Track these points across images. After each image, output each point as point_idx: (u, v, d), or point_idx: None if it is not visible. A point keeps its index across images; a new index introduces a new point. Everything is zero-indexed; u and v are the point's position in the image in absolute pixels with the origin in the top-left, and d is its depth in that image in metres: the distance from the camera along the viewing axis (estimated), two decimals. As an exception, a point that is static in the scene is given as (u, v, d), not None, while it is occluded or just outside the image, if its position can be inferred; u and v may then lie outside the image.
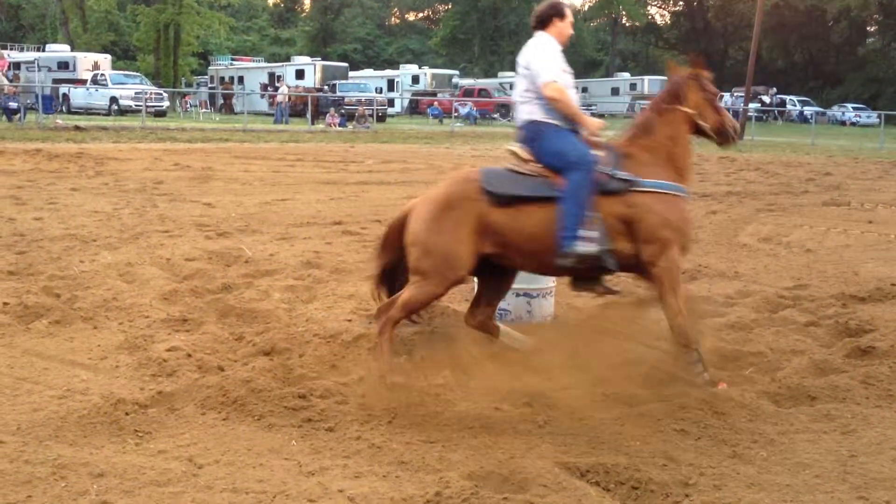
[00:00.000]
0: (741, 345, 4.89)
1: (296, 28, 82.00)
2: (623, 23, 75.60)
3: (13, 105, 28.94)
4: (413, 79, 56.44)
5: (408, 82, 56.05)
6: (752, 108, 36.02)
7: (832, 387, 4.27)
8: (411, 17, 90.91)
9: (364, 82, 48.26)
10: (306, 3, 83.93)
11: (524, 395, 4.09)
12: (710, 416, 3.87)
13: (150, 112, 34.15)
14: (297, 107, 38.54)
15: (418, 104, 50.52)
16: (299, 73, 47.76)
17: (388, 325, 4.47)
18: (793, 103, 55.93)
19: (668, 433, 3.75)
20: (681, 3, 76.79)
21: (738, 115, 30.01)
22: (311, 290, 6.34)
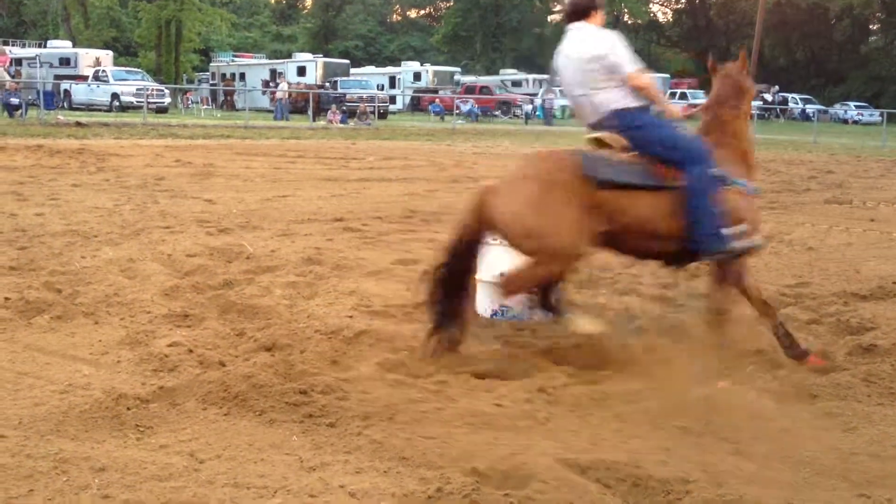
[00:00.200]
0: (743, 342, 4.89)
1: (297, 25, 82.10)
2: (625, 20, 75.51)
3: (15, 101, 28.96)
4: (415, 76, 56.44)
5: (409, 79, 56.05)
6: (754, 106, 35.95)
7: (834, 384, 4.27)
8: (413, 13, 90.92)
9: (366, 79, 48.26)
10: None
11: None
12: (711, 413, 3.86)
13: (152, 108, 34.16)
14: (298, 103, 38.54)
15: (420, 101, 50.52)
16: (301, 70, 47.74)
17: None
18: (795, 101, 55.86)
19: (668, 430, 3.75)
20: (683, 0, 76.80)
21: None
22: (313, 286, 6.34)
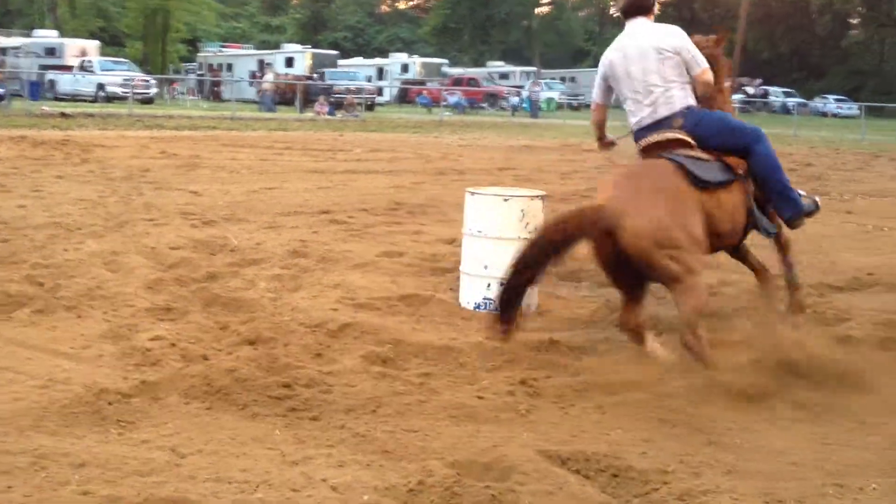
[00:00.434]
0: (720, 333, 4.92)
1: (286, 15, 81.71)
2: (611, 13, 75.54)
3: (-2, 90, 28.76)
4: (402, 67, 56.32)
5: (397, 71, 55.93)
6: (736, 99, 36.08)
7: (808, 375, 4.31)
8: (402, 5, 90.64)
9: (353, 71, 48.13)
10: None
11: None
12: (690, 405, 3.91)
13: (138, 99, 33.94)
14: (286, 95, 38.40)
15: (407, 93, 50.43)
16: (289, 61, 47.57)
17: (699, 342, 4.28)
18: (776, 94, 56.08)
19: (648, 421, 3.79)
20: (668, -7, 76.78)
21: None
22: (297, 279, 6.34)
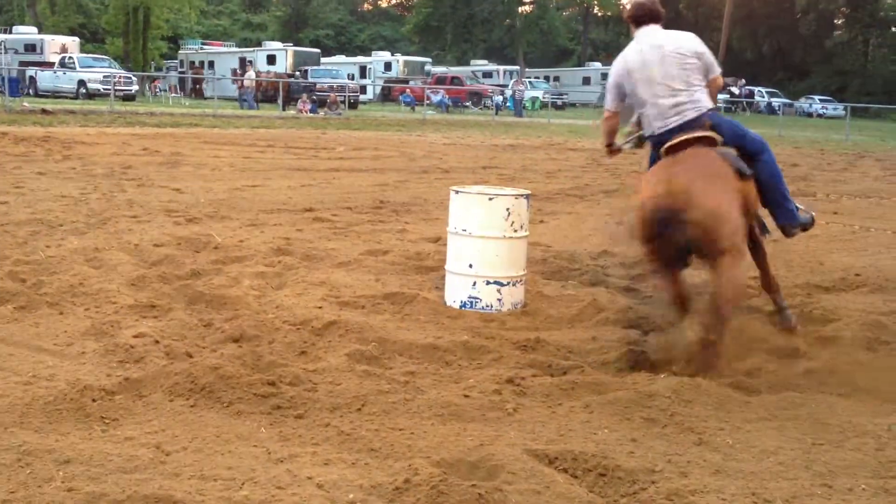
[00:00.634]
0: (707, 333, 4.92)
1: (267, 13, 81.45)
2: (595, 12, 75.74)
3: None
4: (385, 66, 56.25)
5: (380, 69, 55.86)
6: (720, 99, 36.30)
7: (797, 375, 4.33)
8: (384, 3, 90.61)
9: (336, 69, 48.04)
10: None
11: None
12: (677, 404, 3.90)
13: (119, 96, 33.79)
14: (268, 92, 38.29)
15: (390, 91, 50.37)
16: (271, 59, 47.45)
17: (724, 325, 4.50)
18: (761, 95, 56.43)
19: (635, 421, 3.78)
20: (652, -7, 77.02)
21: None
22: (281, 276, 6.31)
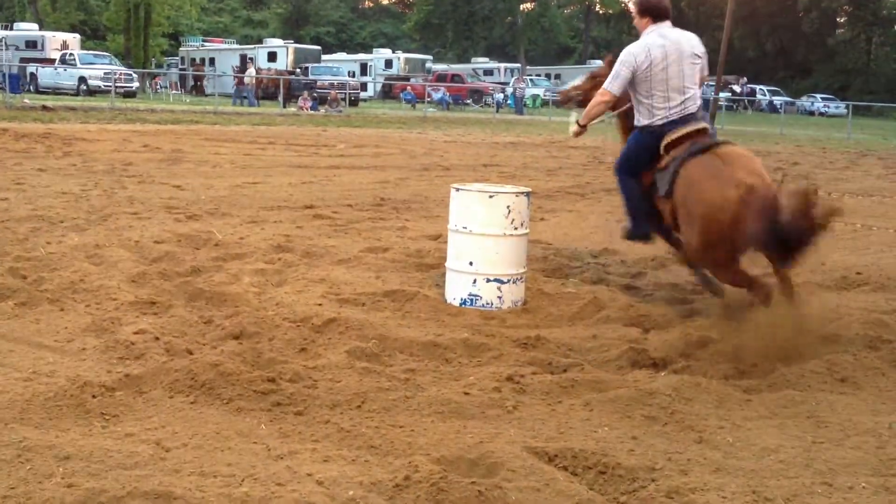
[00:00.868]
0: (708, 331, 4.93)
1: (268, 10, 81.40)
2: (597, 10, 75.75)
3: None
4: (386, 63, 56.23)
5: (381, 66, 55.84)
6: (722, 98, 36.30)
7: (798, 373, 4.33)
8: (385, 0, 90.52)
9: (337, 66, 48.00)
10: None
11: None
12: (678, 402, 3.89)
13: (120, 93, 33.76)
14: (268, 90, 38.27)
15: (391, 89, 50.35)
16: (271, 56, 47.44)
17: None
18: (763, 93, 56.39)
19: (635, 419, 3.77)
20: (654, -9, 76.89)
21: (708, 105, 30.17)
22: (282, 273, 6.31)
